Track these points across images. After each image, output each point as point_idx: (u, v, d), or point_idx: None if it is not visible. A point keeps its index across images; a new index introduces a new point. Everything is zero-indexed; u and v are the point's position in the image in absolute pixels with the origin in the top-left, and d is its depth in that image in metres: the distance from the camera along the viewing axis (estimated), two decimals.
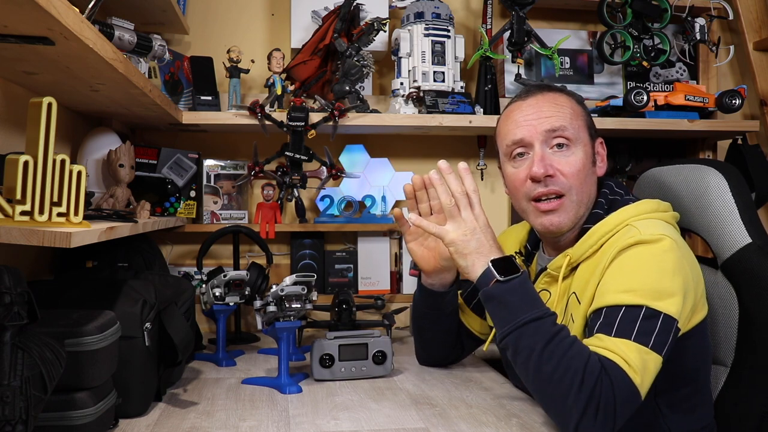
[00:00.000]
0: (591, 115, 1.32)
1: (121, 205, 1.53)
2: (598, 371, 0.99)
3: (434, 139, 2.15)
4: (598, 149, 1.29)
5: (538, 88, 1.29)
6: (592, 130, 1.28)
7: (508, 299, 1.08)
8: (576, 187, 1.21)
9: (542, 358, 1.02)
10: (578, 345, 1.04)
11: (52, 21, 0.85)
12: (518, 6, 1.94)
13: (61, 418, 0.98)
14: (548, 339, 1.03)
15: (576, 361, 1.00)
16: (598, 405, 0.98)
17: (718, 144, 2.23)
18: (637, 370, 1.01)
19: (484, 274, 1.12)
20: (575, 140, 1.22)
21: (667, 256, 1.10)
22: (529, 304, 1.08)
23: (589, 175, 1.23)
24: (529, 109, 1.25)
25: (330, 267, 2.05)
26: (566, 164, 1.21)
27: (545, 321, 1.06)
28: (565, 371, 1.00)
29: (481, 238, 1.14)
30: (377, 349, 1.42)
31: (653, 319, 1.05)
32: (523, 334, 1.05)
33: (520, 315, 1.06)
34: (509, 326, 1.07)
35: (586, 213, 1.24)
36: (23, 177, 0.90)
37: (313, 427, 1.12)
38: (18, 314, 0.84)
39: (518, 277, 1.10)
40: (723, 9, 2.14)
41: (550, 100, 1.25)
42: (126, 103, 1.50)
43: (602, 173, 1.29)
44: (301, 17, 1.95)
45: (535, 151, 1.21)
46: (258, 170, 1.84)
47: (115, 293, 1.20)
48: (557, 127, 1.21)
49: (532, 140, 1.22)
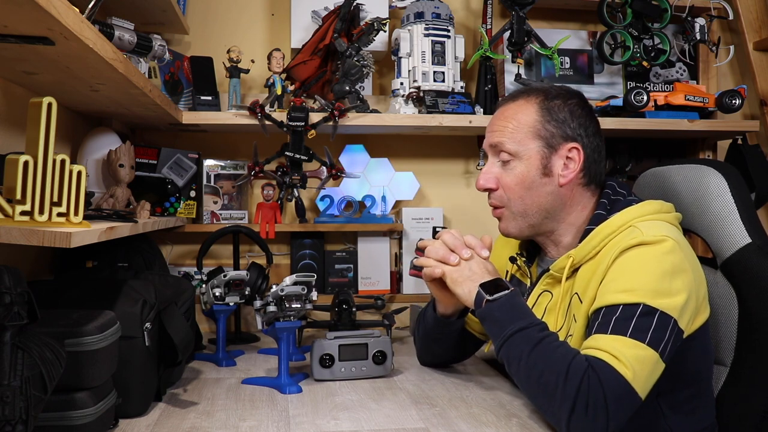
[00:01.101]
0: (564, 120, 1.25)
1: (121, 205, 1.53)
2: (583, 369, 1.01)
3: (434, 139, 2.15)
4: (562, 155, 1.24)
5: (512, 96, 1.32)
6: (552, 139, 1.24)
7: (497, 315, 1.14)
8: (514, 199, 1.26)
9: (529, 363, 1.07)
10: (564, 347, 1.07)
11: (52, 21, 0.85)
12: (518, 6, 1.94)
13: (61, 418, 0.98)
14: (534, 344, 1.08)
15: (560, 361, 1.04)
16: (586, 401, 0.99)
17: (718, 144, 2.23)
18: (627, 365, 1.01)
19: (477, 297, 1.18)
20: (516, 154, 1.25)
21: (669, 257, 1.11)
22: (516, 317, 1.13)
23: (532, 187, 1.24)
24: (492, 119, 1.32)
25: (330, 267, 2.05)
26: (506, 177, 1.27)
27: (531, 329, 1.10)
28: (550, 374, 1.03)
29: (473, 267, 1.23)
30: (377, 349, 1.42)
31: (649, 316, 1.05)
32: (512, 344, 1.10)
33: (507, 327, 1.12)
34: (500, 339, 1.12)
35: (541, 220, 1.27)
36: (23, 177, 0.90)
37: (313, 427, 1.12)
38: (18, 314, 0.84)
39: (505, 295, 1.15)
40: (723, 9, 2.14)
41: (504, 112, 1.29)
42: (126, 103, 1.50)
43: (569, 180, 1.24)
44: (301, 17, 1.95)
45: (487, 163, 1.30)
46: (258, 170, 1.84)
47: (115, 293, 1.20)
48: (495, 143, 1.28)
49: (487, 152, 1.31)
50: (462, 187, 2.18)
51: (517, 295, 1.17)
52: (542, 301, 1.28)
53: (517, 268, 1.41)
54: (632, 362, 1.02)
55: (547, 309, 1.26)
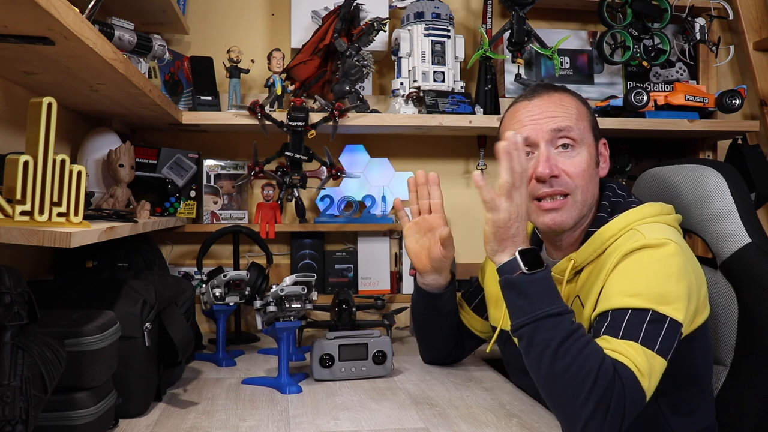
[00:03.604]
0: (595, 116, 1.32)
1: (121, 205, 1.53)
2: (612, 373, 0.98)
3: (434, 139, 2.15)
4: (601, 150, 1.29)
5: (544, 87, 1.29)
6: (596, 131, 1.28)
7: (531, 290, 1.06)
8: (581, 187, 1.21)
9: (557, 355, 1.00)
10: (593, 345, 1.02)
11: (52, 21, 0.85)
12: (518, 6, 1.94)
13: (61, 418, 0.98)
14: (566, 336, 1.01)
15: (591, 360, 0.99)
16: (608, 407, 0.97)
17: (718, 144, 2.23)
18: (645, 374, 1.00)
19: (510, 262, 1.09)
20: (580, 141, 1.23)
21: (671, 260, 1.10)
22: (551, 299, 1.06)
23: (593, 176, 1.24)
24: (534, 108, 1.25)
25: (330, 267, 2.05)
26: (571, 165, 1.21)
27: (565, 318, 1.04)
28: (579, 370, 0.98)
29: (520, 227, 1.10)
30: (377, 349, 1.42)
31: (659, 324, 1.04)
32: (540, 327, 1.03)
33: (541, 308, 1.04)
34: (528, 317, 1.05)
35: (588, 213, 1.25)
36: (23, 177, 0.90)
37: (313, 427, 1.12)
38: (18, 314, 0.84)
39: (542, 271, 1.07)
40: (723, 9, 2.14)
41: (555, 100, 1.25)
42: (126, 103, 1.50)
43: (605, 174, 1.30)
44: (301, 17, 1.95)
45: (541, 151, 1.21)
46: (258, 170, 1.84)
47: (115, 293, 1.20)
48: (563, 128, 1.22)
49: (538, 140, 1.22)
50: (462, 187, 2.18)
51: (551, 276, 1.10)
52: None
53: None
54: (648, 372, 1.01)
55: None
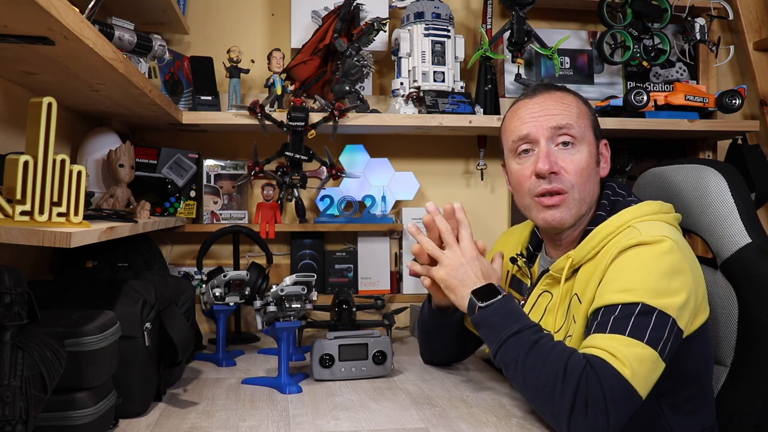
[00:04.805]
0: (597, 116, 1.33)
1: (121, 205, 1.53)
2: (581, 367, 1.01)
3: (434, 139, 2.15)
4: (602, 150, 1.30)
5: (545, 86, 1.30)
6: (597, 131, 1.29)
7: (491, 321, 1.14)
8: (579, 185, 1.22)
9: (526, 366, 1.06)
10: (559, 347, 1.06)
11: (52, 21, 0.85)
12: (518, 6, 1.94)
13: (61, 418, 0.98)
14: (529, 347, 1.07)
15: (556, 362, 1.03)
16: (586, 399, 0.99)
17: (718, 144, 2.23)
18: (626, 363, 1.01)
19: (469, 304, 1.18)
20: (580, 139, 1.23)
21: (667, 257, 1.10)
22: (510, 321, 1.12)
23: (592, 175, 1.25)
24: (536, 106, 1.26)
25: (330, 267, 2.05)
26: (570, 162, 1.22)
27: (525, 332, 1.09)
28: (547, 374, 1.03)
29: (467, 272, 1.21)
30: (377, 349, 1.42)
31: (648, 315, 1.05)
32: (507, 349, 1.10)
33: (502, 331, 1.11)
34: (495, 345, 1.12)
35: (588, 211, 1.25)
36: (23, 177, 0.90)
37: (313, 427, 1.12)
38: (18, 314, 0.84)
39: (498, 300, 1.15)
40: (723, 9, 2.14)
41: (557, 98, 1.26)
42: (126, 103, 1.50)
43: (605, 174, 1.30)
44: (301, 17, 1.95)
45: (541, 148, 1.23)
46: (258, 170, 1.84)
47: (115, 293, 1.20)
48: (563, 125, 1.23)
49: (538, 136, 1.23)
50: (462, 187, 2.18)
51: (510, 300, 1.16)
52: (542, 301, 1.28)
53: (518, 269, 1.41)
54: (630, 360, 1.01)
55: (546, 309, 1.26)
